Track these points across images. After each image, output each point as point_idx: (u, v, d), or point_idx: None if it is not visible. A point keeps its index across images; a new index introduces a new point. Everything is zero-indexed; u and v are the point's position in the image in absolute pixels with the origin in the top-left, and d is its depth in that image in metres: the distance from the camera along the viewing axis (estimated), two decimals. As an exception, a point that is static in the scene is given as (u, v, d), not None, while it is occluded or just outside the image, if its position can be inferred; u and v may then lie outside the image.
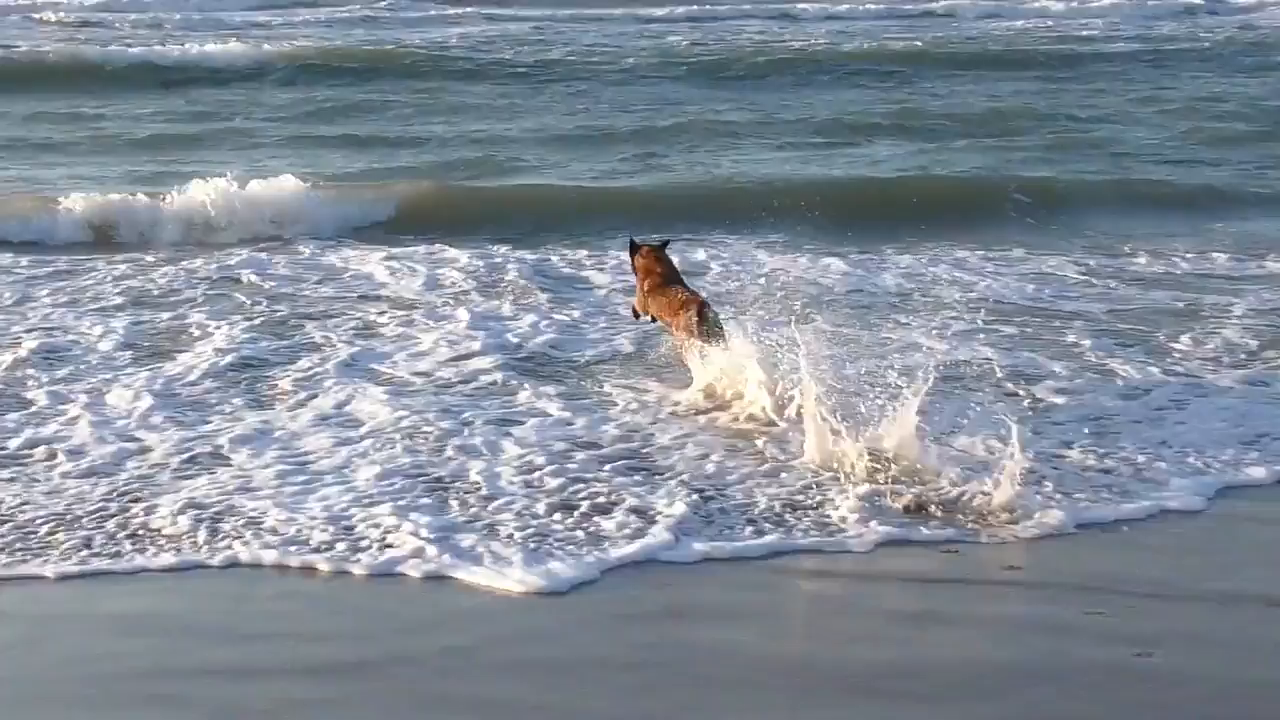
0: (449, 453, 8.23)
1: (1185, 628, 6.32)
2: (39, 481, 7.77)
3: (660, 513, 7.36)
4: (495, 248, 13.59)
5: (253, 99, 23.14)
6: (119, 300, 11.61)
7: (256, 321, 11.00)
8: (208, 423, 8.71)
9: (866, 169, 17.68)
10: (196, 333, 10.69)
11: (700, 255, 13.07)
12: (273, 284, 12.22)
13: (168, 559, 6.88)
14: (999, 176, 16.85)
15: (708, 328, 9.00)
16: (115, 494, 7.60)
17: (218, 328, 10.74)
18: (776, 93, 24.08)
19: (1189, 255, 13.47)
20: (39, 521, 7.23)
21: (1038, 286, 12.21)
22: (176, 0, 42.65)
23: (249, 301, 11.62)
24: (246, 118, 21.50)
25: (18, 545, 6.98)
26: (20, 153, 18.52)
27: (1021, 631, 6.28)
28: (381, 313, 11.33)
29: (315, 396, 9.22)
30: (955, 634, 6.26)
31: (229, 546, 6.98)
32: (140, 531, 7.15)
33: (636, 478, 7.88)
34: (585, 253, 13.34)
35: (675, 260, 9.79)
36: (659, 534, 7.12)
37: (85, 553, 6.90)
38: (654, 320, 9.66)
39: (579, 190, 16.25)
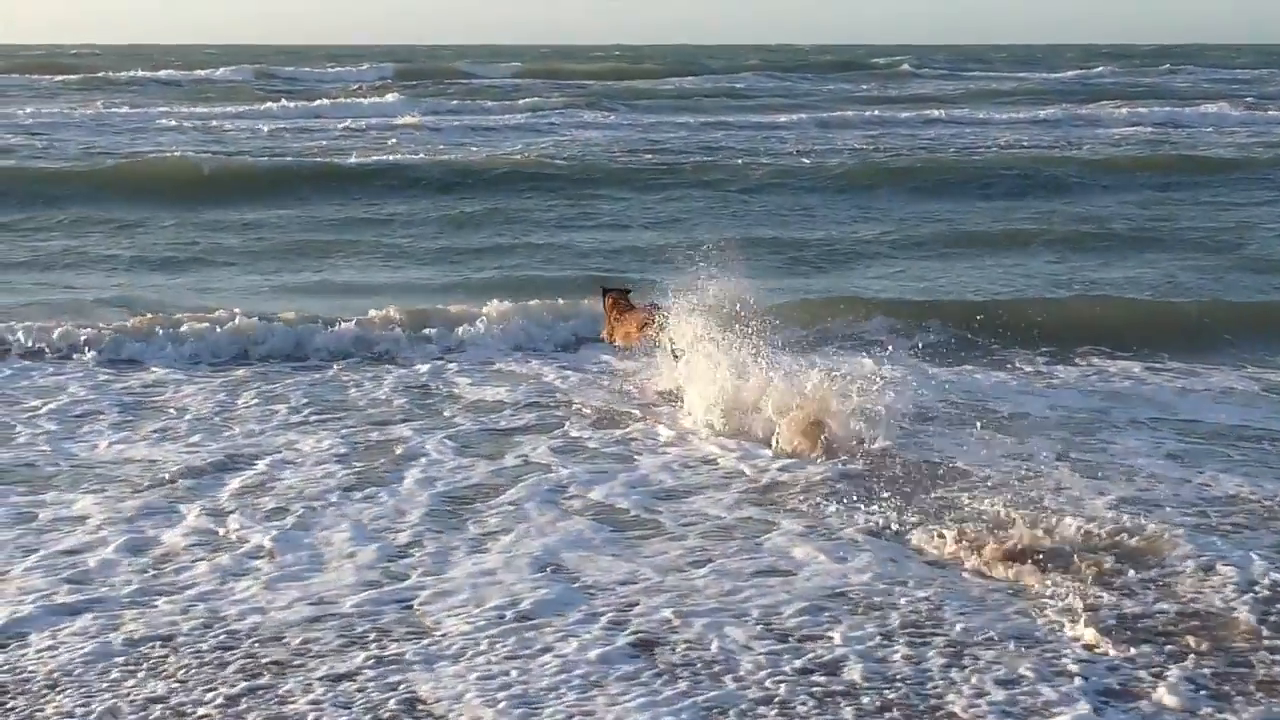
0: (689, 619, 6.93)
1: None
2: (204, 644, 6.62)
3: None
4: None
5: (403, 206, 22.83)
6: (320, 418, 10.83)
7: (464, 440, 10.19)
8: (406, 575, 7.52)
9: (1021, 281, 16.89)
10: (402, 451, 9.86)
11: (867, 364, 12.54)
12: (477, 398, 11.48)
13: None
14: (1157, 299, 15.81)
15: (656, 327, 11.38)
16: (277, 667, 6.38)
17: (424, 448, 9.93)
18: (938, 200, 23.51)
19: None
20: (191, 689, 6.18)
21: (1236, 407, 11.35)
22: (328, 106, 43.50)
23: (454, 418, 10.84)
24: (399, 225, 21.15)
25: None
26: (178, 260, 18.33)
27: None
28: (590, 428, 10.55)
29: (528, 537, 8.11)
30: None
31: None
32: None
33: (936, 659, 6.54)
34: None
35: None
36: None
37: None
38: (614, 343, 12.06)
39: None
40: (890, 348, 13.00)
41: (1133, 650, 6.57)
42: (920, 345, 13.19)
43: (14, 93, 54.41)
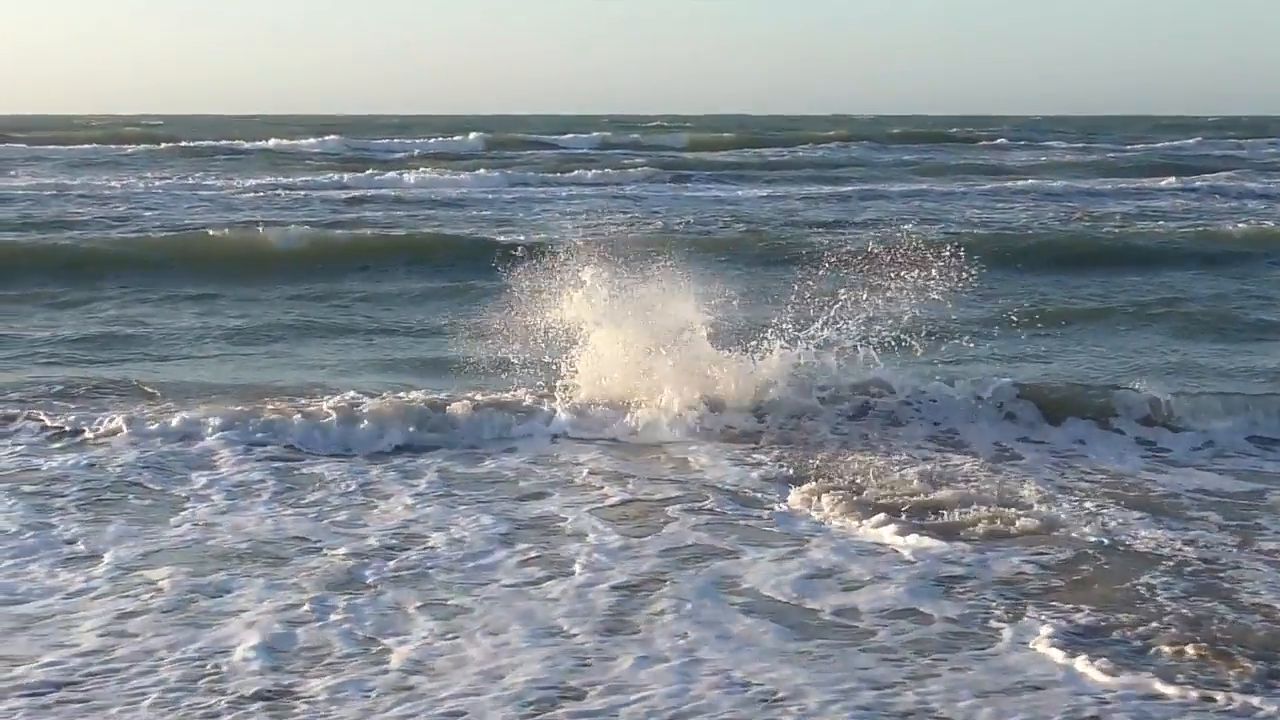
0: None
1: None
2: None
3: None
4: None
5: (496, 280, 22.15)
6: (465, 492, 10.22)
7: (611, 517, 9.53)
8: (572, 694, 6.57)
9: (1116, 357, 16.00)
10: (555, 531, 9.21)
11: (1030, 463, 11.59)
12: (611, 471, 10.83)
13: None
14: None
15: None
16: None
17: (576, 529, 9.25)
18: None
19: None
20: None
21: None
22: (414, 177, 43.49)
23: (595, 492, 10.22)
24: (476, 296, 20.61)
25: None
26: (270, 333, 17.76)
27: None
28: (736, 505, 9.81)
29: (708, 644, 7.11)
30: None
31: None
32: None
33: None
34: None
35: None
36: None
37: None
38: None
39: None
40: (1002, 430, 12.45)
41: None
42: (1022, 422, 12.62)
43: (85, 160, 54.83)
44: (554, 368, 13.31)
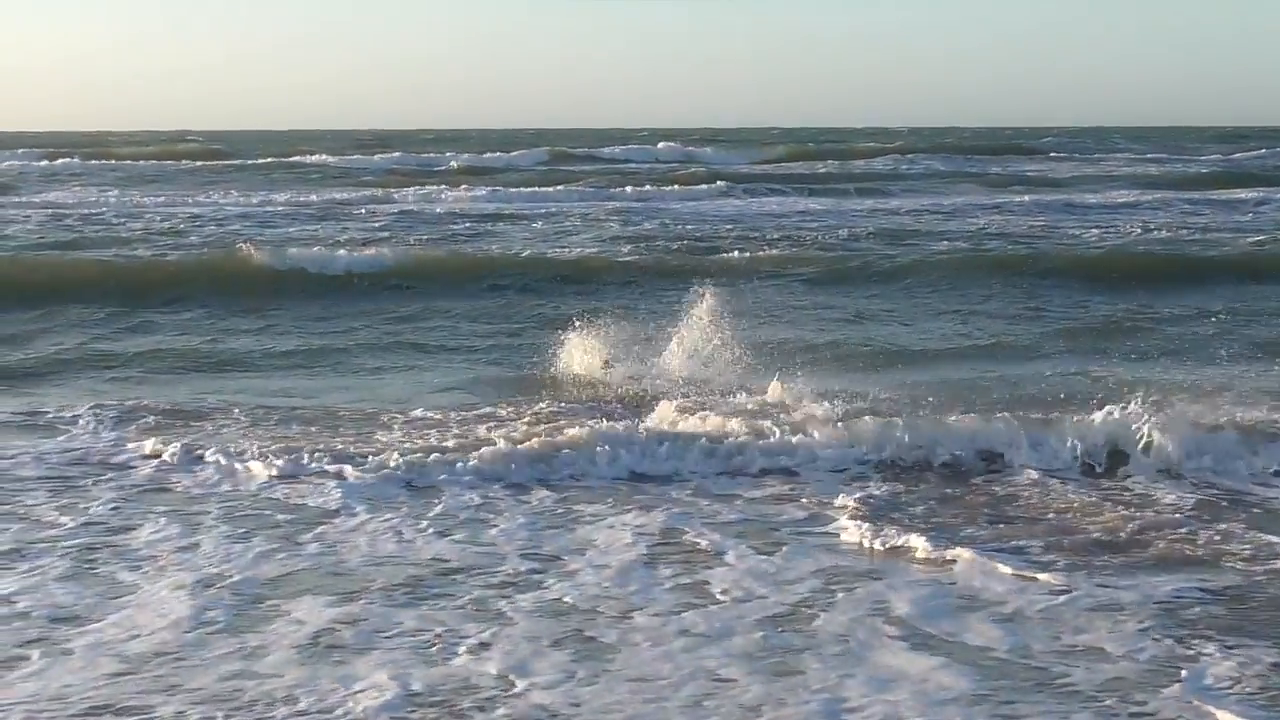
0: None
1: None
2: None
3: None
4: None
5: (592, 300, 20.60)
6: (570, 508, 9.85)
7: (733, 533, 9.13)
8: None
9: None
10: (707, 548, 8.79)
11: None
12: (730, 492, 10.35)
13: None
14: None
15: None
16: None
17: (709, 546, 8.82)
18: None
19: None
20: None
21: None
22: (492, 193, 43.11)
23: (710, 510, 9.78)
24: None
25: None
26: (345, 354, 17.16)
27: None
28: (858, 523, 9.27)
29: (885, 691, 6.51)
30: None
31: None
32: None
33: None
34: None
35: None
36: None
37: None
38: None
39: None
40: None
41: None
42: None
43: (142, 175, 54.73)
44: (638, 394, 13.14)
